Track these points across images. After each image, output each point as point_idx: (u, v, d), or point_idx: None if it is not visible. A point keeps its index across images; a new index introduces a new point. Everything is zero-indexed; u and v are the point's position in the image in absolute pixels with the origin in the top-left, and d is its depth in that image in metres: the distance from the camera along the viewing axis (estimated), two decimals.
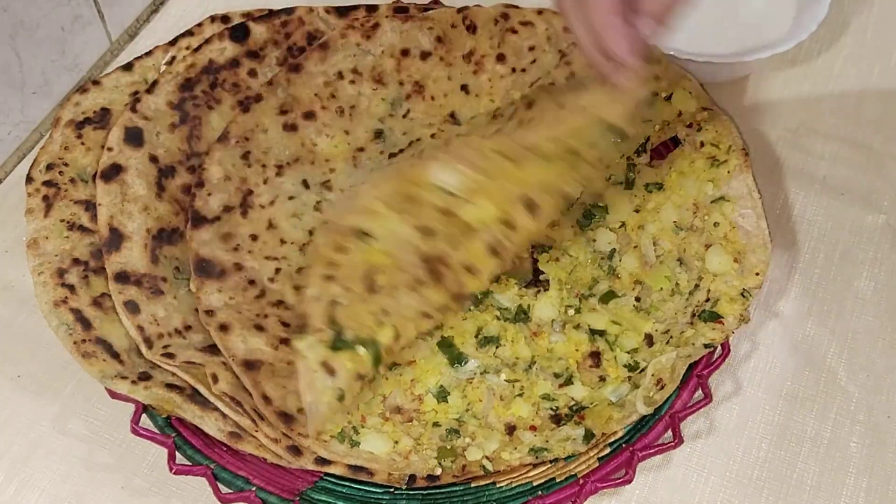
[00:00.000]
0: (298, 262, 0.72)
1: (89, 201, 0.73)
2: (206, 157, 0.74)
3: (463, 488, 0.64)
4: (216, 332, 0.67)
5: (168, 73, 0.77)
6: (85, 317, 0.68)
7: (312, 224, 0.74)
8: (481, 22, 0.79)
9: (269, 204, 0.74)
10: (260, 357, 0.66)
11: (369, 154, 0.77)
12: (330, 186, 0.76)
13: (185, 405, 0.64)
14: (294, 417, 0.64)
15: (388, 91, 0.79)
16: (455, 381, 0.67)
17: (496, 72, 0.79)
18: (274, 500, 0.62)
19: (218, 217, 0.72)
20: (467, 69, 0.80)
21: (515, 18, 0.80)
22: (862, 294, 0.73)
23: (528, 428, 0.65)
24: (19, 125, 0.82)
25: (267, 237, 0.72)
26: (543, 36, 0.79)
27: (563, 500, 0.62)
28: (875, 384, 0.69)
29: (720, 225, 0.70)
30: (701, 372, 0.66)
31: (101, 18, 0.86)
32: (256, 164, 0.75)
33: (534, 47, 0.79)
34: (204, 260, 0.70)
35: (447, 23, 0.80)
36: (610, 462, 0.63)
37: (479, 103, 0.79)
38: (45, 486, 0.67)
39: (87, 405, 0.70)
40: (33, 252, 0.71)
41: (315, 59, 0.78)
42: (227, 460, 0.64)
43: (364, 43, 0.79)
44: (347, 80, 0.78)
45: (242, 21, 0.80)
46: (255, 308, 0.69)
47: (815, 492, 0.65)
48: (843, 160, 0.80)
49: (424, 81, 0.79)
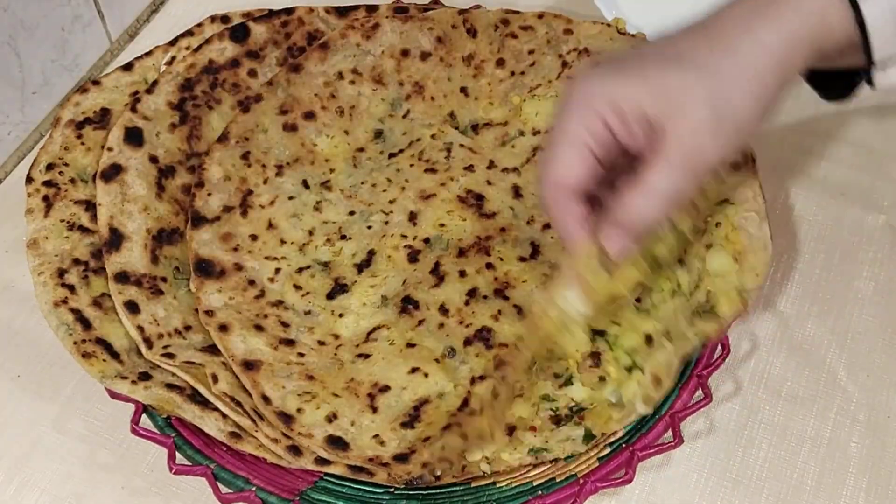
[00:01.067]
0: (298, 263, 0.72)
1: (89, 201, 0.73)
2: (205, 157, 0.74)
3: (463, 488, 0.64)
4: (216, 333, 0.67)
5: (168, 73, 0.77)
6: (85, 317, 0.68)
7: (312, 224, 0.74)
8: (481, 27, 0.80)
9: (268, 204, 0.74)
10: (259, 357, 0.66)
11: (369, 154, 0.77)
12: (330, 186, 0.76)
13: (185, 405, 0.64)
14: (293, 417, 0.64)
15: (387, 91, 0.79)
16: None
17: (495, 76, 0.80)
18: (274, 500, 0.62)
19: (218, 217, 0.72)
20: (467, 72, 0.80)
21: (515, 23, 0.80)
22: (862, 294, 0.73)
23: (528, 429, 0.65)
24: (19, 125, 0.82)
25: (267, 237, 0.73)
26: (543, 39, 0.79)
27: (563, 500, 0.62)
28: (875, 384, 0.69)
29: (722, 226, 0.70)
30: (701, 372, 0.66)
31: (101, 18, 0.86)
32: (256, 164, 0.75)
33: (533, 51, 0.80)
34: (204, 260, 0.70)
35: (447, 23, 0.80)
36: (610, 462, 0.63)
37: (479, 106, 0.80)
38: (45, 486, 0.67)
39: (87, 405, 0.70)
40: (33, 252, 0.71)
41: (315, 60, 0.78)
42: (227, 460, 0.64)
43: (364, 43, 0.79)
44: (347, 81, 0.78)
45: (242, 21, 0.80)
46: (255, 308, 0.69)
47: (815, 492, 0.65)
48: (843, 160, 0.80)
49: (424, 82, 0.79)
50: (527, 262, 0.71)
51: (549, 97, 0.79)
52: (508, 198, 0.75)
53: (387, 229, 0.74)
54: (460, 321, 0.69)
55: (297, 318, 0.70)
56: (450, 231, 0.73)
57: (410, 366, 0.67)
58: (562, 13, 0.80)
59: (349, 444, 0.63)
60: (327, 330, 0.69)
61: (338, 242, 0.73)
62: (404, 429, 0.64)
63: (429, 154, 0.77)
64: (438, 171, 0.76)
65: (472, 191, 0.75)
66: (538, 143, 0.78)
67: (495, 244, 0.72)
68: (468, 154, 0.77)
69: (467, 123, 0.79)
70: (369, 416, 0.65)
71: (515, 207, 0.74)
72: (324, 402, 0.65)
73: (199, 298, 0.69)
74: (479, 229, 0.73)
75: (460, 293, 0.70)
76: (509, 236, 0.73)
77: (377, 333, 0.69)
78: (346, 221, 0.74)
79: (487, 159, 0.77)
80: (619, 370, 0.66)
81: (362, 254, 0.73)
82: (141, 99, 0.76)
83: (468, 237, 0.72)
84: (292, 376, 0.66)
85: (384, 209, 0.75)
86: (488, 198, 0.74)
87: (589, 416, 0.65)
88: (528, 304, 0.68)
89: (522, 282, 0.70)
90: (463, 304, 0.70)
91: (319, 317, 0.70)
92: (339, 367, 0.67)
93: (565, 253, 0.60)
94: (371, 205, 0.75)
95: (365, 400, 0.66)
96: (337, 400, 0.65)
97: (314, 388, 0.65)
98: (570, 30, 0.79)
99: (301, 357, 0.67)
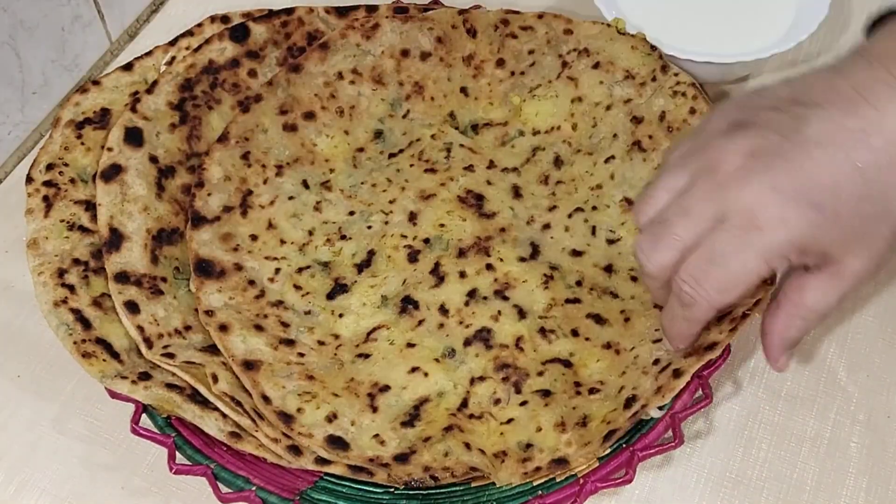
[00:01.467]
0: (298, 263, 0.72)
1: (89, 201, 0.73)
2: (205, 158, 0.74)
3: (463, 488, 0.64)
4: (216, 332, 0.67)
5: (168, 73, 0.77)
6: (85, 317, 0.68)
7: (312, 224, 0.74)
8: (481, 27, 0.80)
9: (268, 204, 0.74)
10: (259, 357, 0.66)
11: (369, 154, 0.78)
12: (330, 186, 0.76)
13: (185, 405, 0.64)
14: (294, 417, 0.64)
15: (387, 91, 0.79)
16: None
17: (495, 76, 0.80)
18: (274, 499, 0.62)
19: (218, 217, 0.72)
20: (467, 72, 0.80)
21: (515, 23, 0.80)
22: (862, 294, 0.73)
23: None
24: (19, 125, 0.82)
25: (267, 237, 0.73)
26: (543, 39, 0.79)
27: (563, 500, 0.62)
28: (875, 384, 0.69)
29: None
30: (701, 372, 0.66)
31: (101, 18, 0.86)
32: (256, 164, 0.75)
33: (533, 51, 0.80)
34: (204, 260, 0.70)
35: (447, 23, 0.80)
36: (610, 462, 0.63)
37: (479, 106, 0.80)
38: (45, 486, 0.67)
39: (87, 405, 0.70)
40: (33, 252, 0.71)
41: (315, 60, 0.78)
42: (227, 460, 0.64)
43: (364, 43, 0.79)
44: (347, 81, 0.78)
45: (242, 21, 0.80)
46: (255, 308, 0.69)
47: (815, 492, 0.65)
48: None
49: (424, 82, 0.79)
50: (527, 263, 0.71)
51: (548, 97, 0.79)
52: (508, 198, 0.75)
53: (387, 229, 0.74)
54: (460, 321, 0.69)
55: (297, 318, 0.70)
56: (450, 231, 0.73)
57: (410, 365, 0.67)
58: (562, 13, 0.80)
59: (349, 444, 0.63)
60: (327, 330, 0.69)
61: (338, 242, 0.73)
62: (404, 428, 0.64)
63: (429, 154, 0.77)
64: (438, 170, 0.76)
65: (471, 191, 0.75)
66: (538, 144, 0.78)
67: (495, 244, 0.72)
68: (468, 154, 0.77)
69: (467, 123, 0.80)
70: (369, 415, 0.65)
71: (515, 207, 0.74)
72: (324, 401, 0.65)
73: (199, 298, 0.69)
74: (478, 229, 0.73)
75: (460, 293, 0.70)
76: (509, 236, 0.73)
77: (377, 333, 0.69)
78: (346, 221, 0.74)
79: (487, 159, 0.77)
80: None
81: (362, 254, 0.73)
82: (141, 99, 0.76)
83: (468, 237, 0.72)
84: (292, 376, 0.66)
85: (384, 209, 0.75)
86: (488, 198, 0.75)
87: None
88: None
89: (523, 282, 0.70)
90: (463, 305, 0.70)
91: (319, 317, 0.70)
92: (339, 367, 0.67)
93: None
94: (371, 205, 0.75)
95: (365, 400, 0.66)
96: (337, 400, 0.65)
97: (314, 387, 0.65)
98: (570, 30, 0.79)
99: (301, 357, 0.67)
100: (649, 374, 0.64)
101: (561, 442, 0.63)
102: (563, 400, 0.65)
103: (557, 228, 0.74)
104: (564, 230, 0.74)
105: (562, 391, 0.66)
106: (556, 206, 0.75)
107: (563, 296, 0.70)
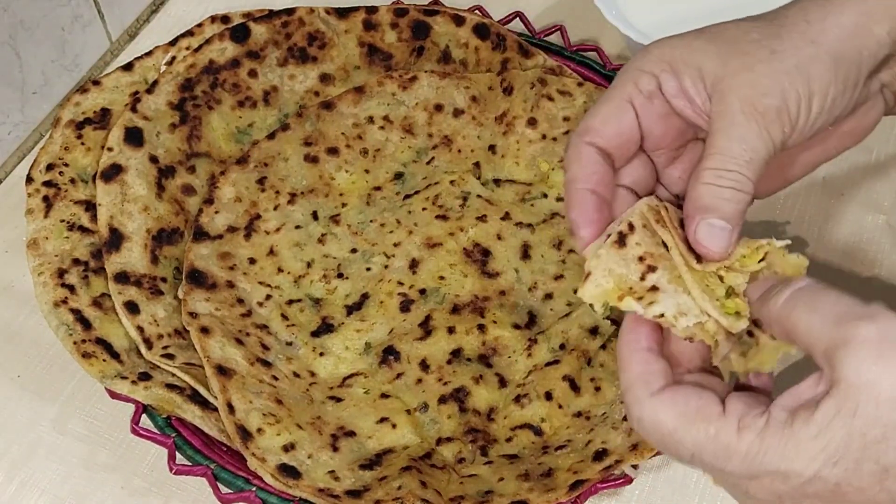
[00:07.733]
0: (290, 295, 0.71)
1: (89, 201, 0.73)
2: (220, 177, 0.74)
3: None
4: (196, 333, 0.66)
5: (168, 73, 0.77)
6: (85, 317, 0.68)
7: (312, 255, 0.73)
8: (518, 85, 0.78)
9: (274, 230, 0.73)
10: (234, 367, 0.65)
11: (384, 193, 0.76)
12: (338, 221, 0.75)
13: (185, 405, 0.64)
14: (252, 436, 0.62)
15: (416, 141, 0.78)
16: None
17: (525, 135, 0.77)
18: (274, 500, 0.62)
19: (220, 235, 0.72)
20: (497, 129, 0.78)
21: (553, 86, 0.77)
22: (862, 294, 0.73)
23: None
24: (19, 125, 0.82)
25: (265, 263, 0.72)
26: (581, 109, 0.77)
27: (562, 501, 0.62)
28: None
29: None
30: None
31: (101, 18, 0.86)
32: (270, 190, 0.74)
33: (569, 118, 0.77)
34: (197, 270, 0.70)
35: (485, 85, 0.78)
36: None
37: (504, 164, 0.77)
38: (45, 486, 0.67)
39: (87, 405, 0.70)
40: (33, 252, 0.71)
41: (349, 101, 0.78)
42: (227, 460, 0.64)
43: (399, 93, 0.78)
44: (377, 126, 0.78)
45: (243, 21, 0.80)
46: (239, 324, 0.68)
47: None
48: (843, 160, 0.80)
49: (454, 136, 0.78)
50: (520, 331, 0.69)
51: None
52: (515, 258, 0.72)
53: (385, 273, 0.72)
54: (439, 378, 0.67)
55: (277, 345, 0.69)
56: (448, 285, 0.71)
57: (380, 416, 0.66)
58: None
59: (301, 474, 0.61)
60: (305, 365, 0.68)
61: (333, 280, 0.72)
62: (363, 470, 0.63)
63: (444, 199, 0.75)
64: (450, 218, 0.74)
65: (479, 244, 0.73)
66: (559, 209, 0.75)
67: (492, 307, 0.70)
68: (484, 204, 0.75)
69: (490, 178, 0.77)
70: (329, 453, 0.63)
71: (520, 270, 0.72)
72: (286, 429, 0.63)
73: (186, 301, 0.68)
74: (478, 288, 0.71)
75: (444, 351, 0.68)
76: (508, 301, 0.71)
77: (353, 380, 0.68)
78: (346, 259, 0.73)
79: (503, 211, 0.74)
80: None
81: (356, 296, 0.71)
82: (141, 99, 0.76)
83: (466, 294, 0.71)
84: (261, 395, 0.64)
85: (387, 251, 0.73)
86: (495, 255, 0.72)
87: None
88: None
89: (511, 353, 0.68)
90: (445, 363, 0.68)
91: (300, 350, 0.69)
92: (309, 403, 0.66)
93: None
94: (375, 245, 0.73)
95: (328, 439, 0.64)
96: (299, 432, 0.63)
97: (280, 412, 0.64)
98: None
99: (275, 381, 0.66)
100: (619, 429, 0.63)
101: (523, 488, 0.61)
102: (529, 460, 0.64)
103: (559, 301, 0.71)
104: (566, 305, 0.71)
105: (529, 455, 0.64)
106: (563, 275, 0.72)
107: (545, 360, 0.68)
